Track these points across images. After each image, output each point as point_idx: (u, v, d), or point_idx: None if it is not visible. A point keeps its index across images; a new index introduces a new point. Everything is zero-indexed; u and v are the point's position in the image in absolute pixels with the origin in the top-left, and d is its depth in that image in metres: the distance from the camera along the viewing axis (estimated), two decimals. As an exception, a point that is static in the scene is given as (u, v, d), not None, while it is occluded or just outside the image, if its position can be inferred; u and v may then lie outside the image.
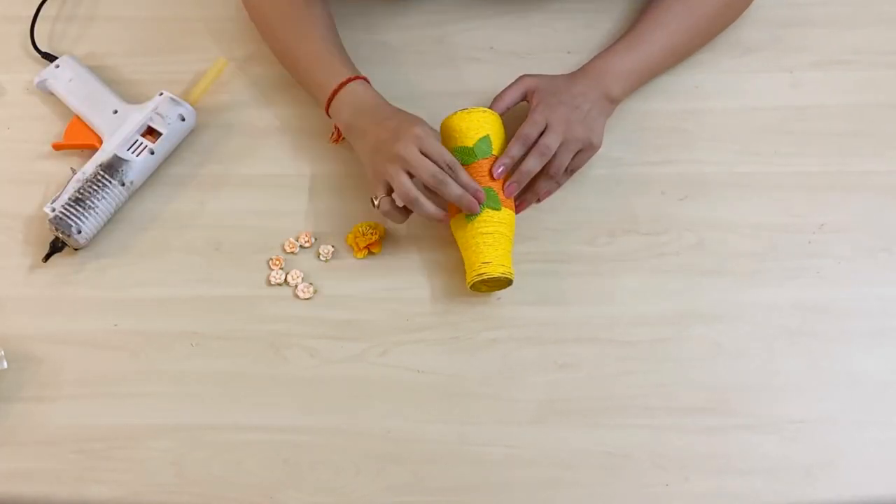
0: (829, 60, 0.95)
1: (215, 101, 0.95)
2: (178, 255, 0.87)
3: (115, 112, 0.91)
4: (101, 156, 0.88)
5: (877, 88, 0.94)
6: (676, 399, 0.80)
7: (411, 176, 0.79)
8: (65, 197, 0.86)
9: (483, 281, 0.80)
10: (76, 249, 0.87)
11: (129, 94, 0.95)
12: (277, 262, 0.86)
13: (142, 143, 0.89)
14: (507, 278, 0.80)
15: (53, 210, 0.85)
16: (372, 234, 0.85)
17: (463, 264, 0.82)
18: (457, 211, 0.82)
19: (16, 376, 0.82)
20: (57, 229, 0.85)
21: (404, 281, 0.85)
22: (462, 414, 0.80)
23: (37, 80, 0.94)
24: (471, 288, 0.81)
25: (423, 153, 0.78)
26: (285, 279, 0.85)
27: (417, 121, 0.81)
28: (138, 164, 0.88)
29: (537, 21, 0.99)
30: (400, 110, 0.84)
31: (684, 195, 0.89)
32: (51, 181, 0.91)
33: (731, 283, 0.84)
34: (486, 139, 0.82)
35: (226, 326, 0.84)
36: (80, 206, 0.85)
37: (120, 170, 0.87)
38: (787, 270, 0.85)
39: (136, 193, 0.90)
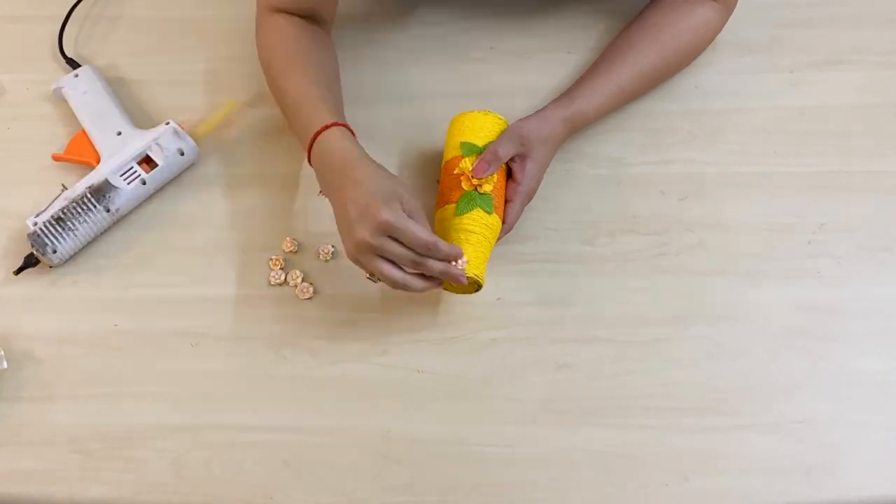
0: (829, 60, 0.95)
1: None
2: (178, 255, 0.87)
3: (119, 134, 0.90)
4: (94, 177, 0.87)
5: (877, 88, 0.94)
6: (676, 399, 0.80)
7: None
8: (48, 214, 0.85)
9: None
10: (49, 267, 0.86)
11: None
12: (277, 262, 0.86)
13: (135, 172, 0.87)
14: (477, 282, 0.78)
15: (35, 224, 0.85)
16: None
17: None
18: (444, 202, 0.81)
19: (16, 376, 0.82)
20: (33, 245, 0.84)
21: (404, 281, 0.85)
22: (462, 414, 0.80)
23: (53, 86, 0.94)
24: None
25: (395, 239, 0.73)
26: (285, 279, 0.85)
27: (386, 199, 0.73)
28: (127, 193, 0.87)
29: (537, 21, 0.99)
30: (372, 173, 0.75)
31: (684, 195, 0.89)
32: (51, 181, 0.91)
33: (731, 283, 0.84)
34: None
35: (226, 326, 0.84)
36: (60, 225, 0.84)
37: (107, 196, 0.86)
38: (787, 270, 0.85)
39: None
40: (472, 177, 0.80)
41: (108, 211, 0.86)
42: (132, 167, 0.88)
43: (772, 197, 0.88)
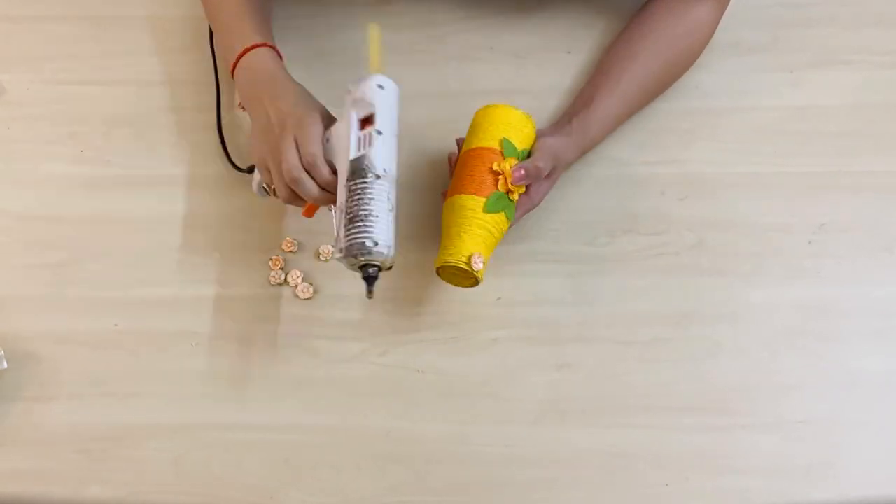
0: (829, 60, 0.95)
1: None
2: (178, 255, 0.87)
3: (327, 141, 0.78)
4: (342, 176, 0.75)
5: (877, 88, 0.94)
6: (676, 399, 0.80)
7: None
8: (339, 226, 0.74)
9: (460, 269, 0.77)
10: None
11: None
12: (277, 262, 0.86)
13: (365, 134, 0.75)
14: (477, 279, 0.78)
15: (341, 251, 0.73)
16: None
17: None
18: (470, 191, 0.79)
19: (16, 376, 0.82)
20: (357, 257, 0.72)
21: (404, 281, 0.85)
22: (462, 414, 0.80)
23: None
24: (438, 269, 0.79)
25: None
26: (285, 279, 0.85)
27: (305, 110, 0.77)
28: (376, 151, 0.74)
29: (537, 21, 0.99)
30: (294, 88, 0.80)
31: (684, 195, 0.89)
32: (51, 181, 0.91)
33: (731, 283, 0.84)
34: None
35: (226, 326, 0.84)
36: (358, 222, 0.72)
37: (363, 167, 0.73)
38: (787, 270, 0.85)
39: (136, 193, 0.90)
40: (511, 182, 0.79)
41: (378, 177, 0.73)
42: (359, 136, 0.75)
43: (772, 197, 0.88)
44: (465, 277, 0.79)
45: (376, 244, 0.71)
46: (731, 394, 0.80)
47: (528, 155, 0.82)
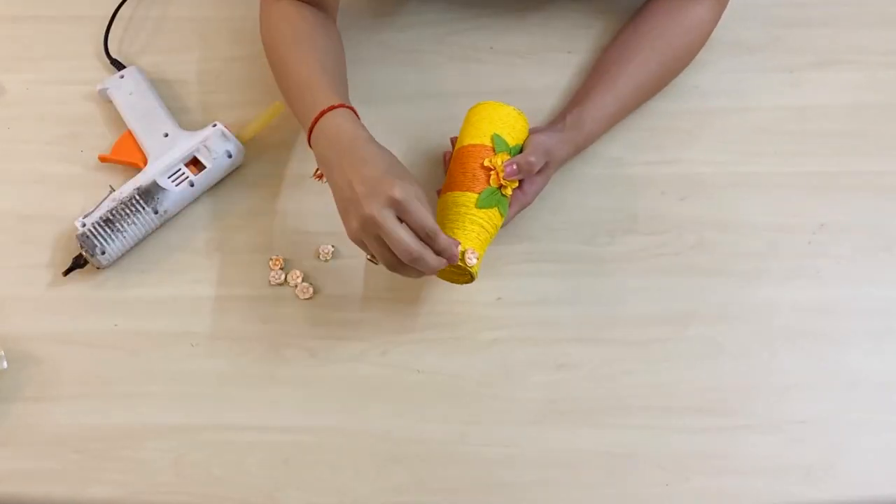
0: (829, 60, 0.95)
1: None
2: (178, 255, 0.87)
3: (166, 135, 0.89)
4: (141, 178, 0.87)
5: (877, 88, 0.94)
6: (676, 399, 0.80)
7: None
8: (97, 215, 0.85)
9: (454, 265, 0.77)
10: (97, 268, 0.86)
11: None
12: (277, 262, 0.86)
13: (183, 174, 0.87)
14: (471, 275, 0.78)
15: (84, 226, 0.84)
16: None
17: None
18: (462, 188, 0.79)
19: (16, 376, 0.82)
20: (82, 246, 0.84)
21: (404, 281, 0.85)
22: (462, 414, 0.80)
23: (99, 86, 0.93)
24: None
25: (401, 219, 0.71)
26: (285, 279, 0.85)
27: (399, 177, 0.71)
28: (175, 195, 0.86)
29: (537, 21, 0.99)
30: (381, 153, 0.74)
31: (684, 195, 0.89)
32: (51, 181, 0.91)
33: (731, 283, 0.84)
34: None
35: (226, 326, 0.84)
36: (109, 227, 0.84)
37: (156, 197, 0.85)
38: (787, 270, 0.85)
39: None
40: (503, 177, 0.79)
41: (156, 213, 0.85)
42: (180, 169, 0.87)
43: (772, 197, 0.88)
44: (460, 274, 0.79)
45: (103, 253, 0.83)
46: (731, 394, 0.80)
47: (521, 151, 0.82)
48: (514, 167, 0.79)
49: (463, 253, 0.76)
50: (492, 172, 0.79)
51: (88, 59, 0.98)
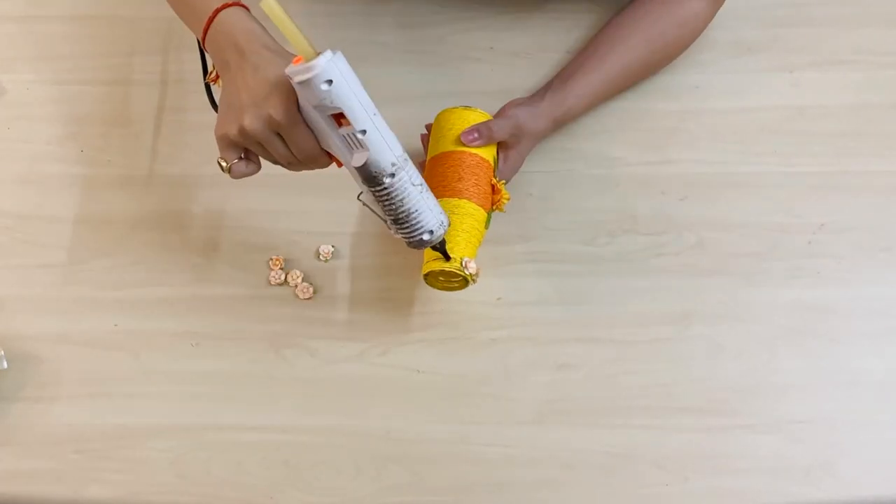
0: (829, 60, 0.95)
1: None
2: (178, 255, 0.87)
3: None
4: (355, 179, 0.71)
5: (877, 88, 0.94)
6: (676, 399, 0.80)
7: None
8: (390, 225, 0.72)
9: (447, 273, 0.77)
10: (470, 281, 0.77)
11: None
12: (277, 262, 0.86)
13: (348, 135, 0.68)
14: (467, 281, 0.77)
15: (409, 244, 0.73)
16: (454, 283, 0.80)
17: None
18: (462, 195, 0.79)
19: (16, 376, 0.82)
20: (422, 247, 0.73)
21: (404, 281, 0.85)
22: (462, 414, 0.80)
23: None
24: (427, 276, 0.78)
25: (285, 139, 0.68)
26: (285, 279, 0.85)
27: (287, 94, 0.66)
28: (374, 152, 0.67)
29: (537, 21, 0.98)
30: (275, 60, 0.68)
31: (684, 195, 0.89)
32: (51, 181, 0.91)
33: (731, 283, 0.84)
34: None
35: (226, 326, 0.84)
36: (404, 223, 0.71)
37: (373, 174, 0.68)
38: (787, 270, 0.85)
39: (141, 194, 0.90)
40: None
41: (392, 175, 0.68)
42: (343, 136, 0.68)
43: (772, 197, 0.88)
44: (454, 281, 0.79)
45: (431, 232, 0.71)
46: (731, 394, 0.80)
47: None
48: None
49: (464, 262, 0.76)
50: (497, 196, 0.80)
51: (88, 59, 0.98)
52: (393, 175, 0.68)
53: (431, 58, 0.97)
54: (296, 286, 0.85)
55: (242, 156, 0.71)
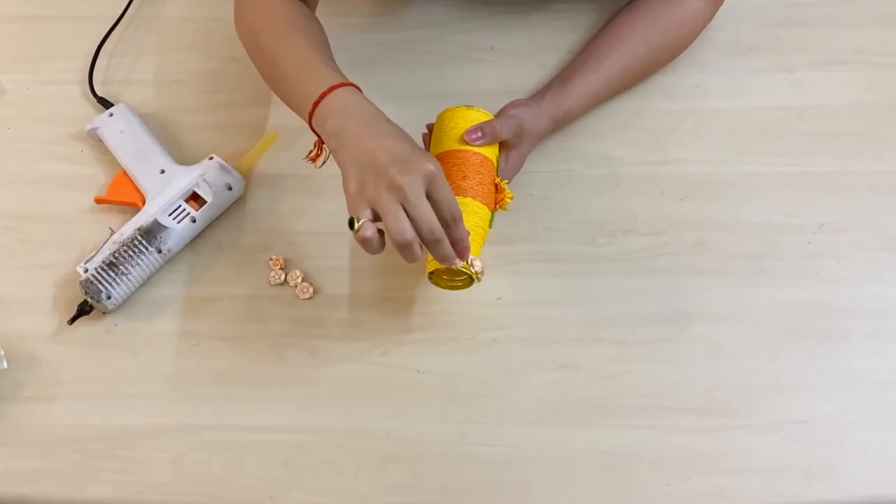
0: (829, 60, 0.95)
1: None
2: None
3: (163, 172, 0.87)
4: (142, 218, 0.84)
5: (877, 88, 0.94)
6: (676, 399, 0.80)
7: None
8: (99, 259, 0.82)
9: (450, 272, 0.77)
10: (104, 313, 0.84)
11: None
12: (277, 262, 0.86)
13: (184, 210, 0.85)
14: (471, 279, 0.77)
15: (86, 271, 0.82)
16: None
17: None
18: (468, 193, 0.78)
19: (16, 376, 0.82)
20: (87, 293, 0.82)
21: (404, 281, 0.85)
22: (462, 414, 0.80)
23: (88, 126, 0.91)
24: (431, 275, 0.78)
25: (428, 197, 0.68)
26: (285, 279, 0.85)
27: (430, 156, 0.70)
28: (178, 232, 0.84)
29: (537, 21, 0.98)
30: (403, 132, 0.72)
31: (684, 195, 0.89)
32: (51, 181, 0.91)
33: (731, 283, 0.84)
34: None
35: (226, 326, 0.84)
36: (112, 270, 0.82)
37: (158, 237, 0.83)
38: (787, 270, 0.85)
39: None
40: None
41: (160, 252, 0.83)
42: (181, 205, 0.85)
43: (772, 197, 0.88)
44: (456, 279, 0.79)
45: (109, 297, 0.81)
46: (731, 394, 0.80)
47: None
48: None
49: (470, 260, 0.76)
50: (500, 196, 0.80)
51: (88, 59, 0.98)
52: None
53: (431, 58, 0.97)
54: (296, 286, 0.85)
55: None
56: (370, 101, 0.74)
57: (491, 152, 0.81)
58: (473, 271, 0.76)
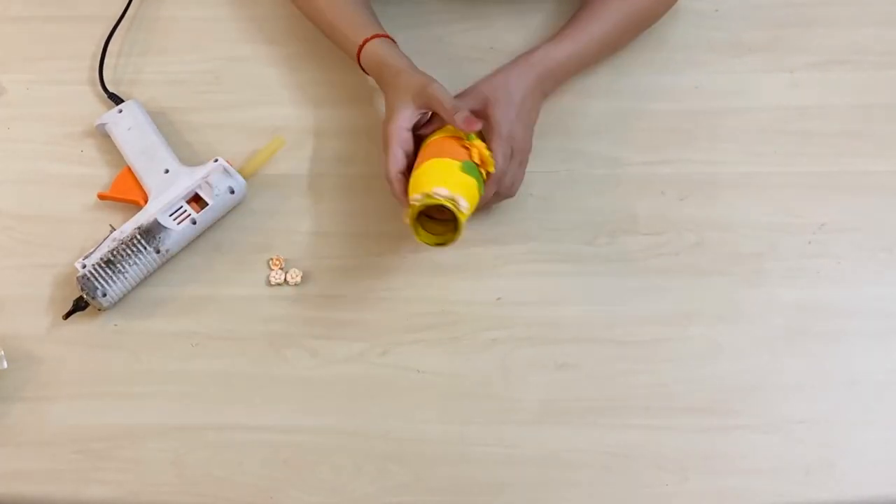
0: (829, 60, 0.95)
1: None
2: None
3: (167, 171, 0.87)
4: (142, 217, 0.84)
5: (877, 88, 0.94)
6: (676, 399, 0.80)
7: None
8: (97, 256, 0.82)
9: (437, 218, 0.77)
10: (99, 310, 0.84)
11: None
12: (277, 262, 0.86)
13: (185, 211, 0.85)
14: (457, 224, 0.75)
15: (84, 267, 0.82)
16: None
17: (460, 262, 0.82)
18: (431, 158, 0.78)
19: (16, 376, 0.82)
20: (83, 289, 0.82)
21: (404, 281, 0.85)
22: (462, 414, 0.80)
23: (97, 122, 0.91)
24: (417, 215, 0.77)
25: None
26: (285, 279, 0.85)
27: (397, 111, 0.81)
28: (177, 234, 0.84)
29: (537, 21, 0.99)
30: (400, 79, 0.83)
31: (684, 195, 0.89)
32: (51, 181, 0.91)
33: (731, 283, 0.84)
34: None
35: (226, 326, 0.84)
36: (110, 268, 0.82)
37: (158, 237, 0.83)
38: (787, 270, 0.85)
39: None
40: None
41: (158, 252, 0.83)
42: (182, 206, 0.85)
43: (772, 197, 0.88)
44: (443, 227, 0.78)
45: (104, 295, 0.81)
46: (731, 394, 0.80)
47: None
48: (466, 112, 0.79)
49: (455, 200, 0.75)
50: (472, 150, 0.79)
51: (88, 59, 0.98)
52: None
53: (431, 58, 0.96)
54: (296, 286, 0.85)
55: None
56: (386, 50, 0.86)
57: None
58: (461, 209, 0.75)
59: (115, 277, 0.82)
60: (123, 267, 0.82)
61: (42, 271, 0.87)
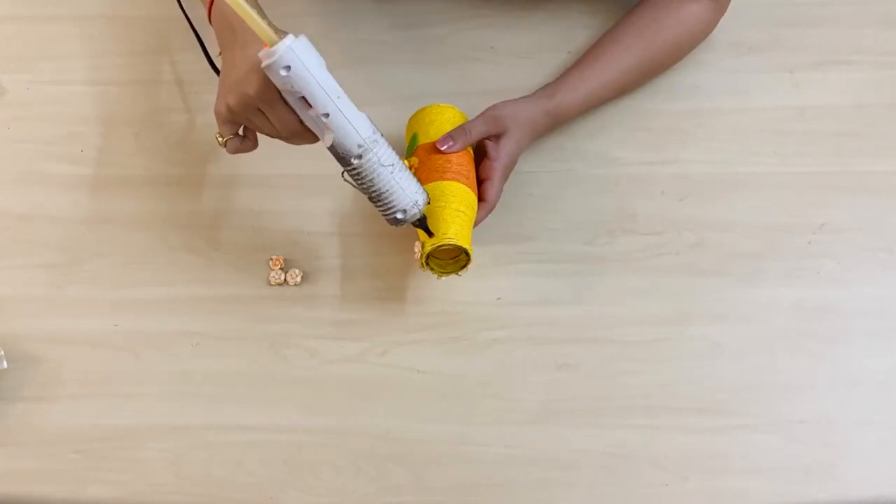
0: (829, 60, 0.95)
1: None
2: (178, 255, 0.87)
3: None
4: (331, 156, 0.73)
5: (877, 88, 0.94)
6: (676, 399, 0.80)
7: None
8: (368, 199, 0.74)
9: (449, 254, 0.78)
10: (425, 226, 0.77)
11: None
12: (277, 262, 0.86)
13: (314, 117, 0.70)
14: (465, 254, 0.77)
15: (389, 222, 0.75)
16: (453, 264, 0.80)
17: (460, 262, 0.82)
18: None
19: (16, 376, 0.82)
20: (401, 224, 0.75)
21: (405, 281, 0.85)
22: (462, 414, 0.80)
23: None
24: (428, 259, 0.77)
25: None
26: (285, 279, 0.85)
27: (254, 67, 0.68)
28: (339, 134, 0.70)
29: (537, 21, 0.98)
30: (250, 33, 0.68)
31: (684, 195, 0.89)
32: (51, 181, 0.91)
33: (731, 283, 0.84)
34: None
35: (226, 326, 0.84)
36: (378, 202, 0.73)
37: (342, 156, 0.71)
38: (787, 270, 0.85)
39: (136, 193, 0.90)
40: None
41: (359, 157, 0.71)
42: (310, 118, 0.71)
43: (772, 197, 0.88)
44: (452, 261, 0.79)
45: (405, 212, 0.73)
46: (731, 394, 0.80)
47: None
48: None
49: (459, 247, 0.76)
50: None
51: (88, 59, 0.98)
52: (360, 157, 0.70)
53: (431, 58, 0.97)
54: (296, 286, 0.85)
55: (240, 132, 0.76)
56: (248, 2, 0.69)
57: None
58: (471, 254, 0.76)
59: (385, 199, 0.73)
60: (377, 189, 0.73)
61: (42, 271, 0.87)
